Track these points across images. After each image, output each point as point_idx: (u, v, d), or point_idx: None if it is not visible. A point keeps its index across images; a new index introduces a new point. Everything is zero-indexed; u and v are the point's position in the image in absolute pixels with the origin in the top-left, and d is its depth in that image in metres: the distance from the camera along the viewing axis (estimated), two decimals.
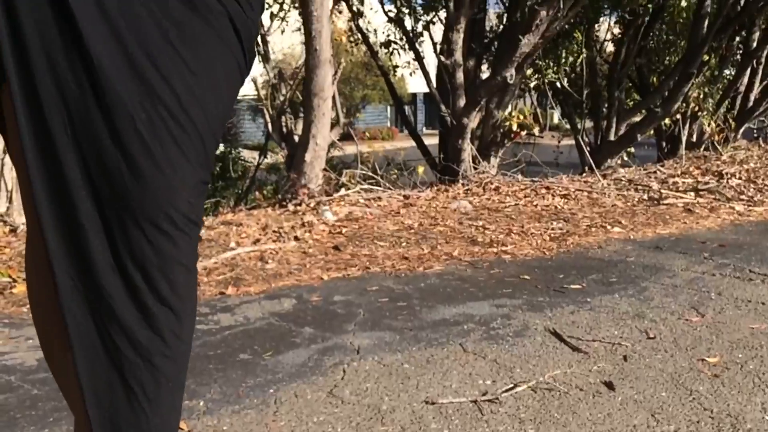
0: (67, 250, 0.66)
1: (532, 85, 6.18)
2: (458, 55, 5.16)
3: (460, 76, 5.21)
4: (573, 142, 7.22)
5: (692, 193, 4.61)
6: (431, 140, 6.89)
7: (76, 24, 0.64)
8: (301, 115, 4.83)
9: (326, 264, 2.88)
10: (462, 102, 5.25)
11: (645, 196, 4.58)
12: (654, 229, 3.61)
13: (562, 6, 4.38)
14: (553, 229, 3.60)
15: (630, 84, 7.62)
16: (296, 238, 3.26)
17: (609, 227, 3.65)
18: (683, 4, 5.66)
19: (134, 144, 0.65)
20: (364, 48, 7.44)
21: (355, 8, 6.70)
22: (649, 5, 5.19)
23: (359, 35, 6.99)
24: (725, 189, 4.84)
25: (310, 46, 4.04)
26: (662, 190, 4.67)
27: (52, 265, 0.66)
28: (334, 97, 4.53)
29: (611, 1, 5.43)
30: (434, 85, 5.79)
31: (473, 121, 5.18)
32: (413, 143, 7.03)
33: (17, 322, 2.11)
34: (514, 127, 5.26)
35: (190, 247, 0.71)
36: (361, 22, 6.72)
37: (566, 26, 5.13)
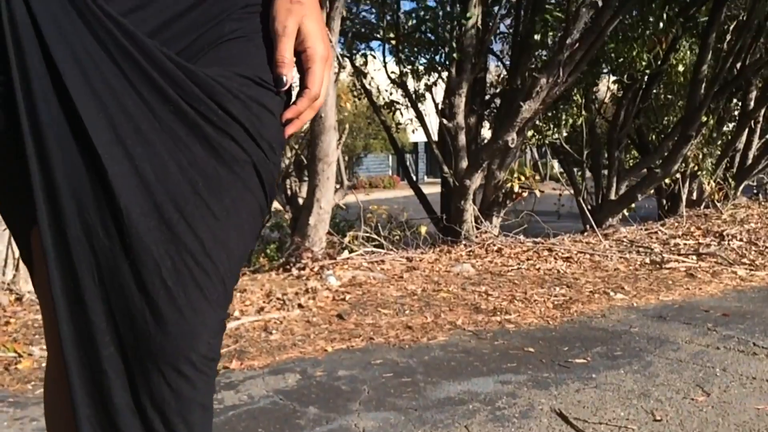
0: (88, 392, 0.68)
1: (532, 143, 6.27)
2: (460, 118, 5.25)
3: (462, 138, 5.30)
4: (573, 192, 7.28)
5: (694, 257, 4.63)
6: (432, 189, 6.95)
7: (106, 174, 0.67)
8: (306, 178, 4.90)
9: (330, 334, 2.88)
10: (464, 164, 5.33)
11: (647, 260, 4.60)
12: (657, 296, 3.62)
13: (561, 73, 4.49)
14: (556, 295, 3.61)
15: (629, 141, 7.73)
16: (300, 306, 3.27)
17: (612, 293, 3.66)
18: (680, 68, 5.79)
19: (159, 292, 0.68)
20: (366, 100, 7.57)
21: (358, 64, 6.86)
22: (647, 71, 5.31)
23: (362, 90, 7.14)
24: (727, 251, 4.86)
25: (316, 113, 4.12)
26: (664, 254, 4.69)
27: (74, 406, 0.68)
28: (337, 161, 4.60)
29: (609, 66, 5.56)
30: (435, 140, 5.87)
31: (475, 182, 5.24)
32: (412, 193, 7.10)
33: (22, 401, 2.11)
34: (516, 189, 5.31)
35: (208, 386, 0.73)
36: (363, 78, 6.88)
37: (566, 90, 5.24)
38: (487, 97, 7.01)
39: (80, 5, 0.69)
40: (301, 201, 5.66)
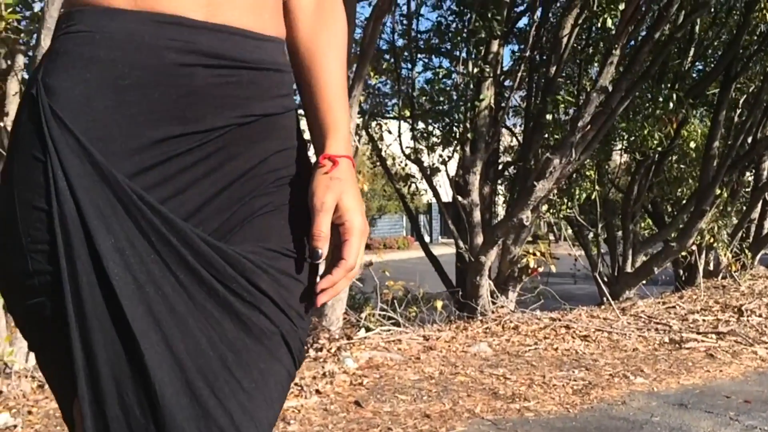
0: None
1: (546, 217, 6.33)
2: (475, 196, 5.33)
3: (477, 215, 5.36)
4: (589, 265, 7.26)
5: (713, 335, 4.60)
6: (446, 249, 6.95)
7: (143, 357, 0.73)
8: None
9: (348, 424, 2.87)
10: (479, 239, 5.38)
11: (666, 338, 4.56)
12: (677, 379, 3.58)
13: (574, 154, 4.57)
14: (575, 379, 3.58)
15: (644, 211, 7.77)
16: (318, 392, 3.27)
17: (632, 377, 3.63)
18: (692, 145, 5.88)
19: None
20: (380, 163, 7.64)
21: (373, 134, 7.00)
22: (659, 148, 5.40)
23: (378, 159, 7.26)
24: (746, 328, 4.82)
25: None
26: (683, 332, 4.66)
27: None
28: None
29: (621, 144, 5.66)
30: (448, 200, 5.94)
31: (490, 258, 5.27)
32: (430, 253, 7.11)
33: None
34: (531, 264, 5.34)
35: None
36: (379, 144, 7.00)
37: (579, 166, 5.32)
38: (500, 167, 7.13)
39: (123, 197, 0.77)
40: None
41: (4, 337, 3.14)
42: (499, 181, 7.30)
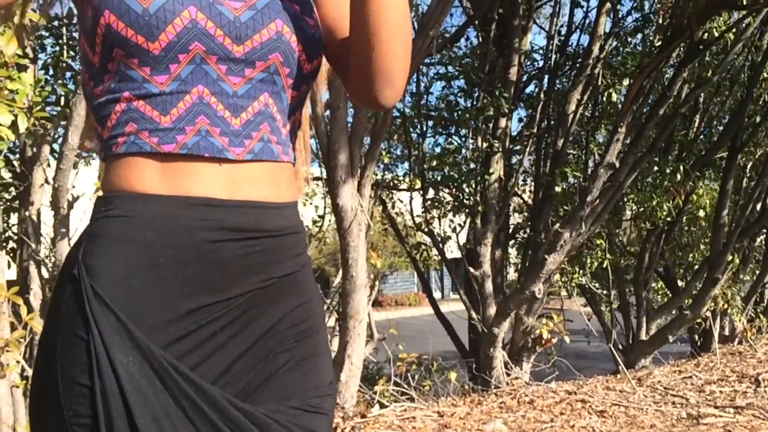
0: None
1: (558, 285, 6.34)
2: (486, 267, 5.38)
3: (489, 286, 5.40)
4: (602, 309, 7.20)
5: (731, 410, 4.55)
6: (457, 306, 6.90)
7: None
8: (336, 333, 5.00)
9: None
10: (491, 311, 5.39)
11: (684, 413, 4.52)
12: None
13: (584, 227, 4.63)
14: None
15: (657, 275, 7.76)
16: None
17: None
18: (701, 213, 5.93)
19: None
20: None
21: (384, 198, 7.08)
22: (668, 218, 5.46)
23: (389, 221, 7.34)
24: (764, 400, 4.77)
25: (347, 272, 4.28)
26: (700, 407, 4.61)
27: None
28: (369, 315, 4.70)
29: (631, 214, 5.72)
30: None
31: (503, 329, 5.28)
32: (441, 309, 7.10)
33: None
34: (545, 335, 5.34)
35: None
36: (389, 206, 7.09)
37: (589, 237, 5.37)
38: (510, 230, 7.18)
39: (160, 369, 0.84)
40: (332, 356, 5.70)
41: None
42: (510, 243, 7.34)
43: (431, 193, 6.24)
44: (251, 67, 0.93)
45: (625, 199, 5.65)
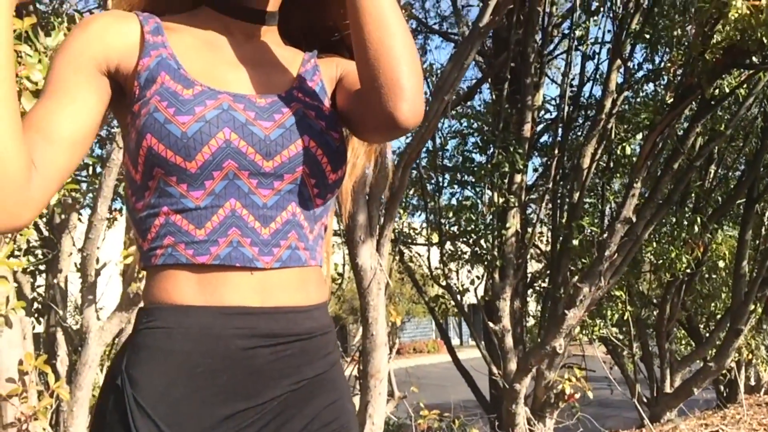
0: None
1: (579, 338, 6.30)
2: (506, 321, 5.37)
3: (509, 340, 5.38)
4: (624, 360, 7.09)
5: None
6: (476, 353, 6.81)
7: None
8: (357, 392, 5.01)
9: None
10: (512, 366, 5.36)
11: None
12: None
13: (603, 282, 4.64)
14: None
15: (679, 324, 7.67)
16: None
17: None
18: (720, 264, 5.91)
19: None
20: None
21: (402, 250, 7.11)
22: (688, 270, 5.44)
23: (406, 272, 7.35)
24: None
25: (367, 331, 4.30)
26: None
27: None
28: (389, 374, 4.69)
29: (650, 266, 5.72)
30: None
31: (525, 385, 5.24)
32: (459, 356, 7.00)
33: None
34: (567, 390, 5.28)
35: None
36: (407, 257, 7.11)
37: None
38: (528, 279, 7.16)
39: None
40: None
41: None
42: (529, 292, 7.32)
43: (448, 245, 6.28)
44: (280, 180, 1.00)
45: (644, 251, 5.65)
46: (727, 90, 4.47)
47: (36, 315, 4.05)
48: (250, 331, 0.95)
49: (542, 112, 6.77)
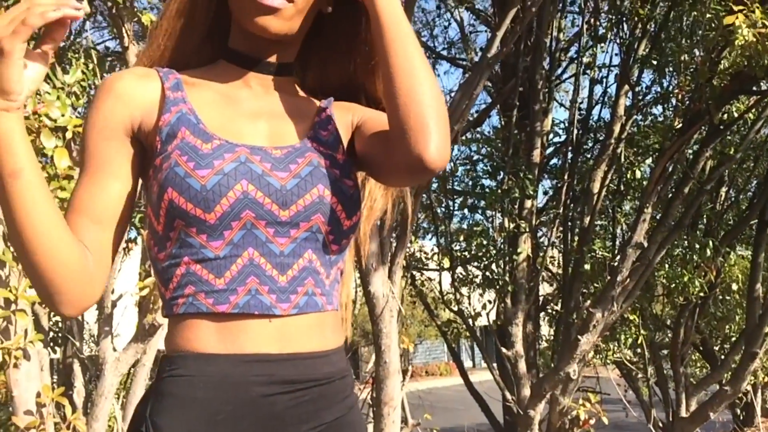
0: None
1: (593, 363, 6.27)
2: (519, 347, 5.36)
3: (522, 366, 5.37)
4: (639, 384, 7.03)
5: None
6: (488, 375, 6.77)
7: None
8: (370, 420, 5.01)
9: None
10: (526, 392, 5.34)
11: None
12: None
13: (615, 306, 4.63)
14: None
15: (694, 348, 7.62)
16: None
17: None
18: (734, 286, 5.88)
19: None
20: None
21: (414, 275, 7.12)
22: (701, 293, 5.43)
23: (418, 297, 7.34)
24: None
25: (380, 358, 4.31)
26: None
27: None
28: (402, 401, 4.69)
29: (663, 290, 5.71)
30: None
31: (539, 411, 5.22)
32: (471, 379, 6.96)
33: None
34: (582, 416, 5.25)
35: None
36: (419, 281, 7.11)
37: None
38: (540, 302, 7.13)
39: None
40: None
41: None
42: (542, 315, 7.29)
43: (459, 269, 6.29)
44: (296, 228, 1.03)
45: (656, 275, 5.64)
46: (736, 115, 4.49)
47: (51, 344, 4.10)
48: (269, 378, 0.98)
49: (551, 135, 6.81)
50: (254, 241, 1.01)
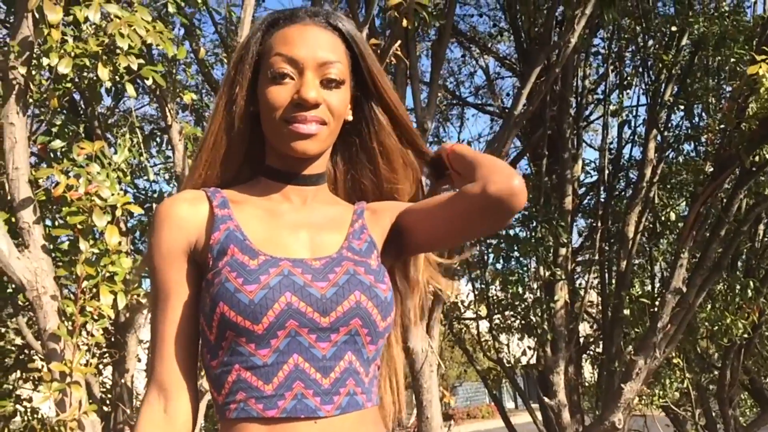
0: None
1: (638, 408, 6.16)
2: (561, 396, 5.32)
3: (566, 415, 5.31)
4: (687, 429, 6.83)
5: None
6: (527, 418, 6.65)
7: None
8: None
9: None
10: None
11: None
12: None
13: (658, 353, 4.59)
14: None
15: (741, 386, 7.42)
16: None
17: None
18: None
19: None
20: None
21: (451, 323, 7.11)
22: (745, 335, 5.34)
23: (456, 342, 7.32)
24: None
25: (422, 413, 4.33)
26: None
27: None
28: None
29: (706, 333, 5.63)
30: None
31: None
32: (514, 421, 6.85)
33: None
34: None
35: None
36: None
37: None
38: (581, 344, 7.05)
39: None
40: None
41: None
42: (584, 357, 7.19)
43: (497, 317, 6.29)
44: (336, 333, 1.13)
45: (698, 317, 5.57)
46: (767, 156, 4.49)
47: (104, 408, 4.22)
48: None
49: (583, 175, 6.83)
50: (298, 347, 1.10)
